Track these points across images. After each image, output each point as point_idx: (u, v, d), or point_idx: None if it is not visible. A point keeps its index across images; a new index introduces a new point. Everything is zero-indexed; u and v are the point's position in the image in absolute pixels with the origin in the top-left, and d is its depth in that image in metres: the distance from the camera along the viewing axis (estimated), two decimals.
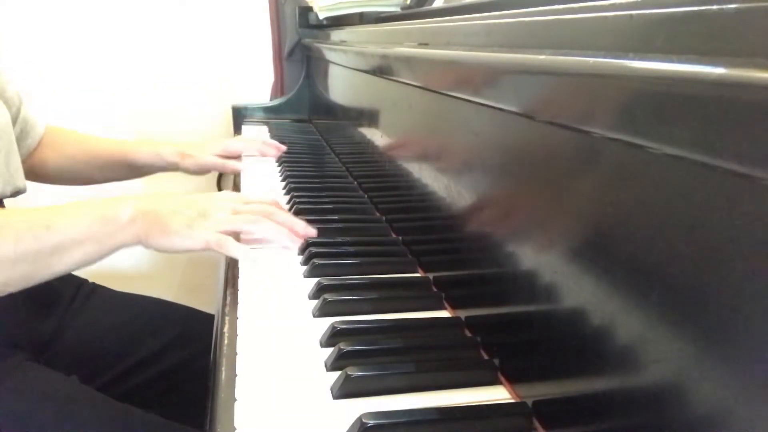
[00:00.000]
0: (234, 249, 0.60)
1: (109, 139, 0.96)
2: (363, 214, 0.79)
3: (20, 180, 0.76)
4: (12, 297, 0.69)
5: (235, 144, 1.01)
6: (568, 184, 0.35)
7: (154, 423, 0.66)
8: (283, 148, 1.05)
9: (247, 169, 1.01)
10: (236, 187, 0.94)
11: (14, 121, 0.82)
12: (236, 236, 0.63)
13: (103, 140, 0.96)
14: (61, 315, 0.79)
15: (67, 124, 0.96)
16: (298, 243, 0.65)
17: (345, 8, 1.08)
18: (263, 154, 1.04)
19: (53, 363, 0.69)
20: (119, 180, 0.98)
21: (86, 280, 0.88)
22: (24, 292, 0.70)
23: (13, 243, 0.54)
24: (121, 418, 0.64)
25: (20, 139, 0.83)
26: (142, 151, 0.93)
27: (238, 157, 1.00)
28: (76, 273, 0.89)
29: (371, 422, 0.36)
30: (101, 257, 0.59)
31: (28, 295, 0.71)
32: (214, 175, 1.59)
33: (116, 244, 0.58)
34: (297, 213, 0.75)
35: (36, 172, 0.90)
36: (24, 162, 0.85)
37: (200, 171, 0.97)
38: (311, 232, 0.66)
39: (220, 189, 1.60)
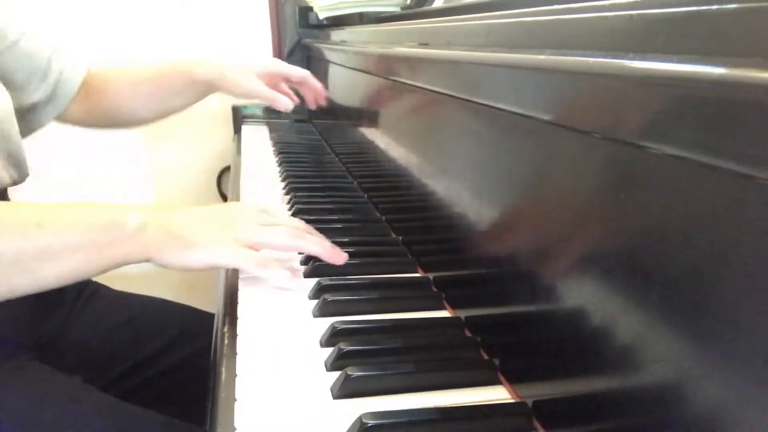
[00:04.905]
0: (276, 271, 0.54)
1: (149, 67, 0.92)
2: (363, 214, 0.79)
3: (21, 168, 0.74)
4: (18, 299, 0.69)
5: (278, 67, 0.92)
6: (568, 185, 0.35)
7: (156, 422, 0.66)
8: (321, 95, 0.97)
9: (246, 170, 1.01)
10: (235, 187, 0.94)
11: (46, 72, 0.80)
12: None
13: (142, 69, 0.92)
14: (65, 316, 0.79)
15: None
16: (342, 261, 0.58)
17: (345, 8, 1.08)
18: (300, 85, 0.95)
19: (56, 363, 0.69)
20: (168, 114, 0.93)
21: (90, 281, 0.88)
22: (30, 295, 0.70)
23: None
24: (123, 418, 0.64)
25: (57, 90, 0.82)
26: (176, 74, 0.90)
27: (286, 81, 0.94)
28: None
29: (371, 422, 0.36)
30: (100, 270, 0.51)
31: (34, 296, 0.71)
32: (213, 174, 1.60)
33: (119, 256, 0.50)
34: (297, 213, 0.75)
35: (81, 120, 0.88)
36: (67, 112, 0.84)
37: (244, 95, 0.89)
38: (344, 256, 0.58)
39: (219, 188, 1.60)
